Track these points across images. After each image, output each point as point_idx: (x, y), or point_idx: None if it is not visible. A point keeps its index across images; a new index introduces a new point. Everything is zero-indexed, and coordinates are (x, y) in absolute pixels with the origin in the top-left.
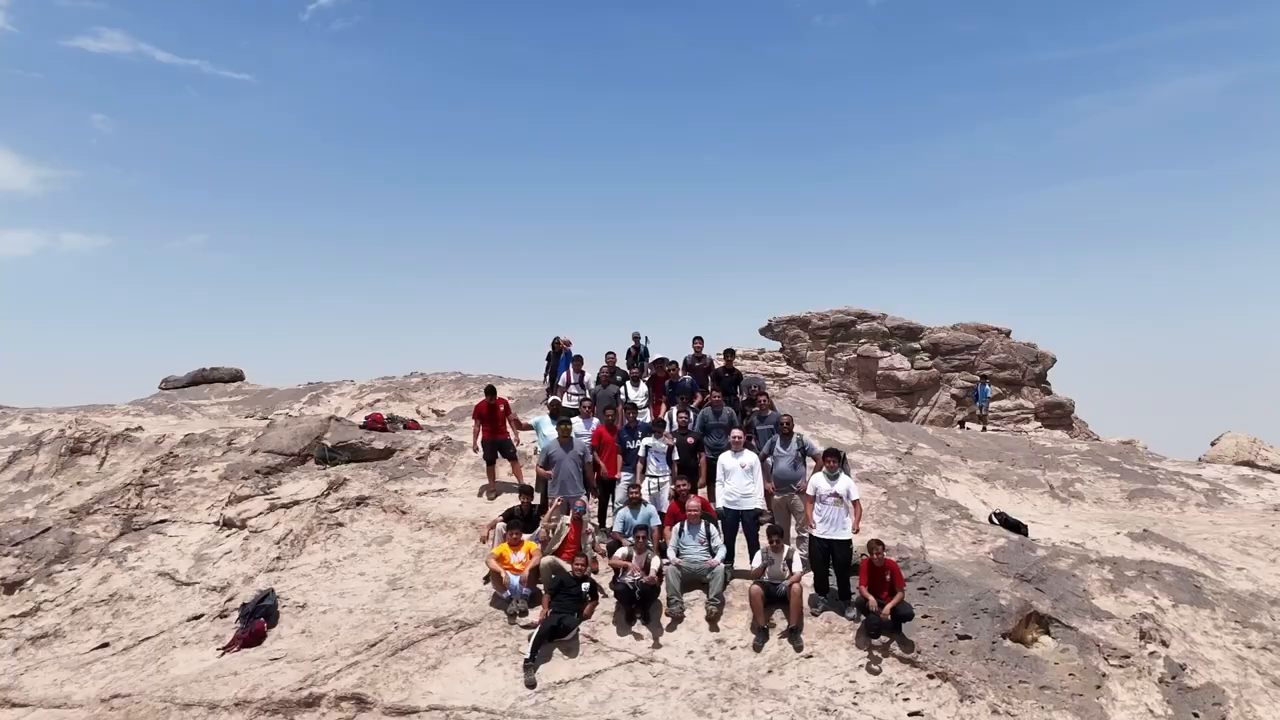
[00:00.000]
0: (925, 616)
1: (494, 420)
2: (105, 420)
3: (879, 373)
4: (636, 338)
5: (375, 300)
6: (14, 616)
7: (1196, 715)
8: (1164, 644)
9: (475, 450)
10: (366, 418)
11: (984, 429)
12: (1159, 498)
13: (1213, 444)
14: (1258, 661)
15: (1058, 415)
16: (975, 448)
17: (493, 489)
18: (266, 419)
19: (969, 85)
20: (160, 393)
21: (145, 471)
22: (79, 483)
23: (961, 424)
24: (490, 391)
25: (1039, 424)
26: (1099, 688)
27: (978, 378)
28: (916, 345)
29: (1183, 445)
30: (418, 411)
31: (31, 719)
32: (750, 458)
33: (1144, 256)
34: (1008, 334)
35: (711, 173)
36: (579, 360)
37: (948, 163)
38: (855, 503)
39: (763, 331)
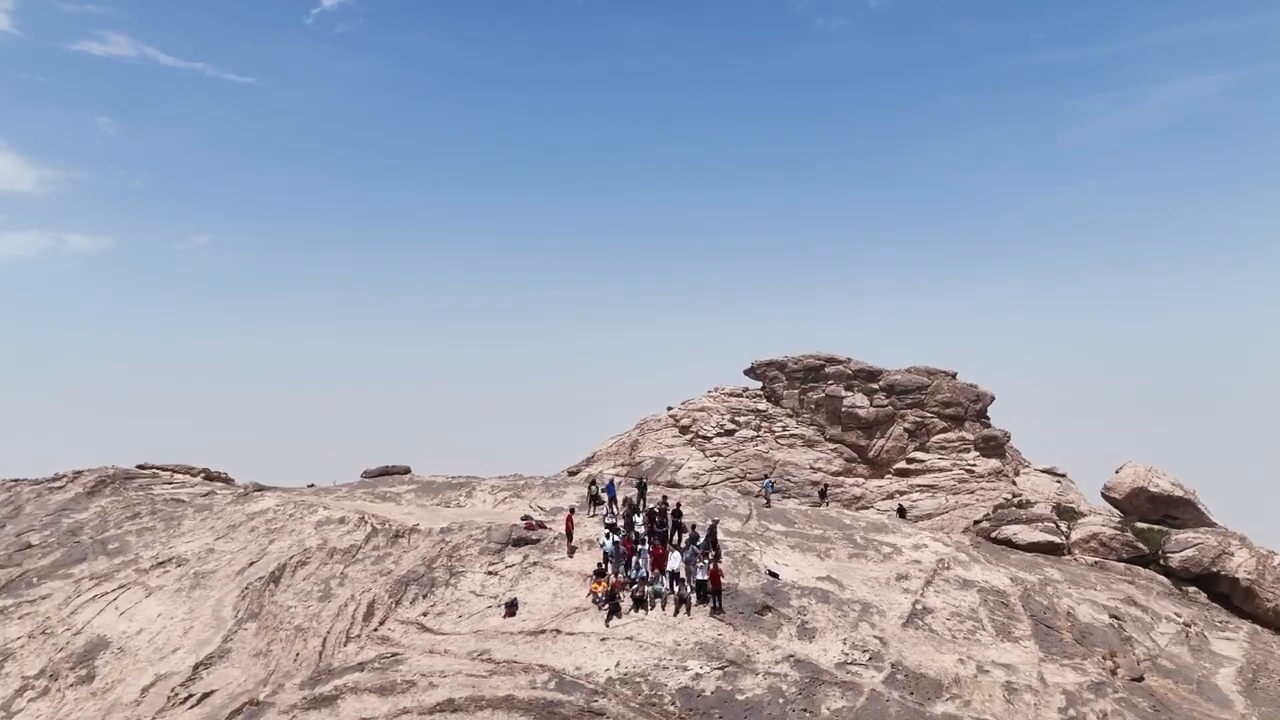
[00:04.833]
0: (731, 605)
1: (571, 524)
2: (383, 510)
3: (843, 410)
4: (640, 478)
5: (376, 300)
6: (430, 606)
7: (809, 636)
8: (806, 615)
9: (570, 539)
10: (523, 520)
11: None
12: (859, 557)
13: (1117, 471)
14: (835, 621)
15: (992, 446)
16: (800, 529)
17: (570, 553)
18: (448, 505)
19: (970, 87)
20: (362, 481)
21: (440, 550)
22: (405, 552)
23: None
24: (572, 510)
25: (977, 454)
26: (779, 628)
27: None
28: (875, 386)
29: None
30: (531, 507)
31: (453, 643)
32: (678, 555)
33: (1145, 257)
34: (954, 376)
35: (710, 175)
36: (613, 500)
37: (948, 164)
38: (714, 568)
39: (746, 372)
